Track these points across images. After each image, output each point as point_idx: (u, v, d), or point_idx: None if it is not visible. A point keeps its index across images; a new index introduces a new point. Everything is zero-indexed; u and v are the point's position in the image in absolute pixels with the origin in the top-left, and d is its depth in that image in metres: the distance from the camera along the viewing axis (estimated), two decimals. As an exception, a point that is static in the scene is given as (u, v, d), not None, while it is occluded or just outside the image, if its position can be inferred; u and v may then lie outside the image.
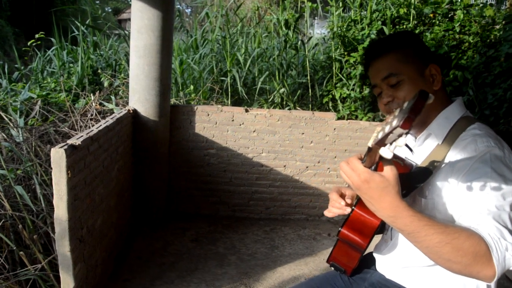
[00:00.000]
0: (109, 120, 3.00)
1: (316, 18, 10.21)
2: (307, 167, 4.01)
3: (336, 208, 1.40)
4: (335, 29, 6.31)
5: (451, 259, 0.96)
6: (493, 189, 1.05)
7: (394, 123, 0.85)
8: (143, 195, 3.72)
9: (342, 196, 1.43)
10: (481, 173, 1.08)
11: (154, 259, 3.17)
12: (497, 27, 6.15)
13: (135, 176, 3.64)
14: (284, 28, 6.25)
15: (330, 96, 6.27)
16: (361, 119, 5.97)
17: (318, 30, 9.00)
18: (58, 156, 2.12)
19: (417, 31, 6.29)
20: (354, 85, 6.16)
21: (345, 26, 6.51)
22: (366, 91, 6.10)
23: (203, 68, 5.96)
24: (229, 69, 5.65)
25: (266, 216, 4.10)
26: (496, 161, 1.10)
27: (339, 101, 6.17)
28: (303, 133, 3.93)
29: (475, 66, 6.06)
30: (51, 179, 3.43)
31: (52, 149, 2.13)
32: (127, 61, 5.96)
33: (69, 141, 2.28)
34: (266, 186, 4.03)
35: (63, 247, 2.22)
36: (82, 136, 2.45)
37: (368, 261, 1.57)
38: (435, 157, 1.25)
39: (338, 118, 3.99)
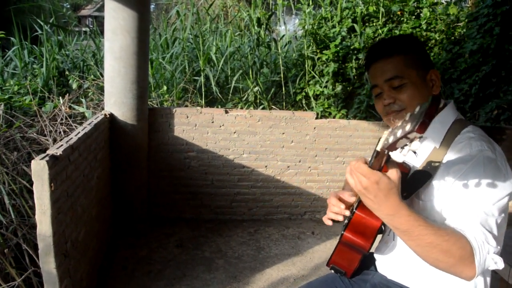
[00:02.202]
0: (87, 126, 2.87)
1: (283, 14, 10.20)
2: (288, 166, 4.00)
3: (334, 212, 1.37)
4: (307, 27, 6.32)
5: (438, 259, 1.04)
6: (483, 194, 1.11)
7: (408, 127, 0.85)
8: (123, 202, 3.60)
9: (341, 200, 1.42)
10: (474, 177, 1.13)
11: (140, 268, 3.07)
12: (461, 24, 6.35)
13: (113, 183, 3.52)
14: (256, 27, 6.21)
15: (303, 93, 6.28)
16: (334, 116, 6.03)
17: (285, 26, 9.00)
18: (39, 168, 2.00)
19: (386, 29, 6.40)
20: (327, 82, 6.20)
21: (316, 24, 6.53)
22: (339, 88, 6.16)
23: (175, 68, 5.83)
24: (202, 68, 5.55)
25: (249, 217, 4.06)
26: (488, 165, 1.14)
27: (312, 99, 6.20)
28: (283, 133, 3.91)
29: (442, 62, 6.23)
30: (20, 188, 3.27)
31: (33, 161, 2.01)
32: (96, 62, 5.77)
33: (49, 152, 2.16)
34: (248, 187, 3.99)
35: (48, 264, 2.10)
36: (62, 145, 2.34)
37: (367, 262, 1.58)
38: (432, 160, 1.28)
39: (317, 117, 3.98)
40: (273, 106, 5.97)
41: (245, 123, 3.84)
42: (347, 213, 1.33)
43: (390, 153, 0.95)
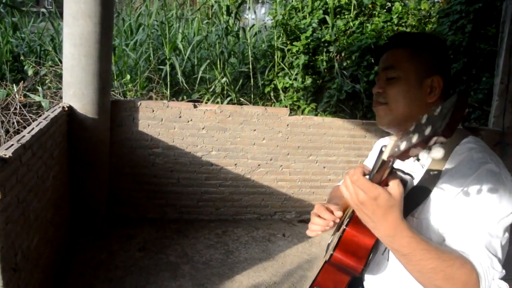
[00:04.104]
0: (42, 121, 2.61)
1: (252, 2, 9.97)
2: (259, 165, 3.84)
3: (320, 224, 1.24)
4: (277, 17, 6.15)
5: (441, 286, 0.94)
6: (487, 212, 1.01)
7: (428, 131, 0.69)
8: (81, 201, 3.35)
9: (329, 211, 1.28)
10: (476, 193, 1.02)
11: (99, 274, 2.85)
12: (432, 20, 6.35)
13: (72, 181, 3.26)
14: (225, 15, 5.98)
15: (272, 85, 6.13)
16: (303, 110, 5.92)
17: (253, 15, 8.82)
18: (-15, 173, 1.76)
19: (357, 21, 6.31)
20: (296, 74, 6.07)
21: (287, 14, 6.37)
22: (309, 81, 6.04)
23: (139, 56, 5.53)
24: (168, 57, 5.29)
25: (217, 217, 3.89)
26: (492, 179, 1.03)
27: (281, 91, 6.06)
28: (255, 130, 3.74)
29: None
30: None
31: (-24, 165, 1.76)
32: (54, 46, 5.40)
33: (-4, 153, 1.91)
34: (216, 186, 3.81)
35: (-6, 281, 1.87)
36: (12, 145, 2.08)
37: (353, 286, 1.44)
38: (429, 173, 1.15)
39: (290, 114, 3.83)
40: (240, 98, 5.79)
41: (215, 118, 3.65)
42: (333, 222, 1.22)
43: (403, 162, 0.80)
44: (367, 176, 0.93)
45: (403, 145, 0.76)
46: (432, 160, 1.16)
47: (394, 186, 0.90)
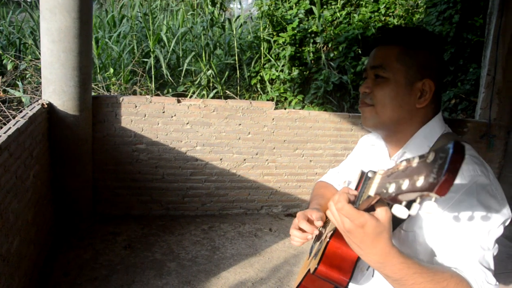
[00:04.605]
0: (20, 120, 2.55)
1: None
2: (244, 159, 3.81)
3: (301, 238, 1.21)
4: (263, 8, 6.08)
5: None
6: (479, 226, 0.99)
7: (420, 182, 0.63)
8: (64, 200, 3.29)
9: (310, 221, 1.24)
10: (466, 207, 0.99)
11: (84, 274, 2.81)
12: (420, 10, 6.32)
13: (54, 180, 3.20)
14: (210, 6, 5.89)
15: (259, 77, 6.09)
16: (290, 102, 5.90)
17: (239, 6, 8.72)
18: (-41, 177, 1.71)
19: (344, 12, 6.27)
20: (283, 66, 6.03)
21: (273, 5, 6.31)
22: (295, 72, 6.00)
23: (123, 49, 5.43)
24: (152, 49, 5.20)
25: (203, 212, 3.86)
26: (482, 192, 1.01)
27: (267, 83, 6.02)
28: (240, 124, 3.70)
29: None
30: None
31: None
32: (34, 39, 5.28)
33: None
34: (201, 181, 3.77)
35: (-28, 287, 1.83)
36: (-12, 146, 2.02)
37: None
38: None
39: (276, 108, 3.79)
40: (227, 91, 5.74)
41: (199, 113, 3.60)
42: (316, 232, 1.19)
43: (393, 207, 0.73)
44: (354, 200, 0.90)
45: (391, 188, 0.70)
46: None
47: (382, 212, 0.86)
